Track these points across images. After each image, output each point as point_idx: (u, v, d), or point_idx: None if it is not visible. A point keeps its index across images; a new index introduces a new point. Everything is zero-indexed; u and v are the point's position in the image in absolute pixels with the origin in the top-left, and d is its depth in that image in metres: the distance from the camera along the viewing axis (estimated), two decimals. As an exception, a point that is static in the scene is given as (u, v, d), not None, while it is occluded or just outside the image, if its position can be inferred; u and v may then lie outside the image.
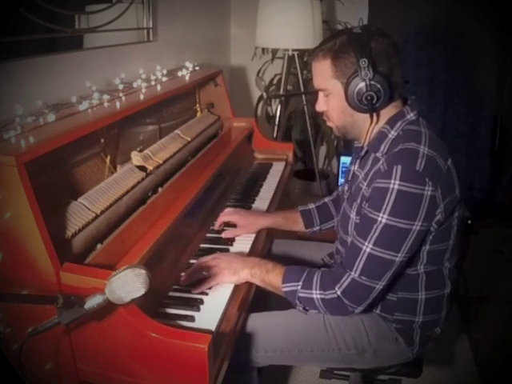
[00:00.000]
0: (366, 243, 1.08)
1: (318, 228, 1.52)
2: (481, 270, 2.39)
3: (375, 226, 1.07)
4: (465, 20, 2.81)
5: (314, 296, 1.12)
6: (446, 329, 1.29)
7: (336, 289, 1.10)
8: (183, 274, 1.23)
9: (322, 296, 1.12)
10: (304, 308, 1.17)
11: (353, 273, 1.09)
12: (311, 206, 1.54)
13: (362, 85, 1.09)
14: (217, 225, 1.47)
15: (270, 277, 1.18)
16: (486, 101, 2.96)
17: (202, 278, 1.19)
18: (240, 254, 1.32)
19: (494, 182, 3.10)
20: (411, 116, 1.16)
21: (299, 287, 1.14)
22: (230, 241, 1.41)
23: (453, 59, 2.90)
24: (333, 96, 1.16)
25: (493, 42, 2.82)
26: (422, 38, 2.88)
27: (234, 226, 1.46)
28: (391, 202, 1.04)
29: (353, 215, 1.20)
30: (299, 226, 1.53)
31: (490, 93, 2.94)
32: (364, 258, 1.08)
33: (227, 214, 1.47)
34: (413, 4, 2.85)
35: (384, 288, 1.11)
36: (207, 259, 1.24)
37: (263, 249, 1.46)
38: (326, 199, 1.56)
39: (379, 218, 1.06)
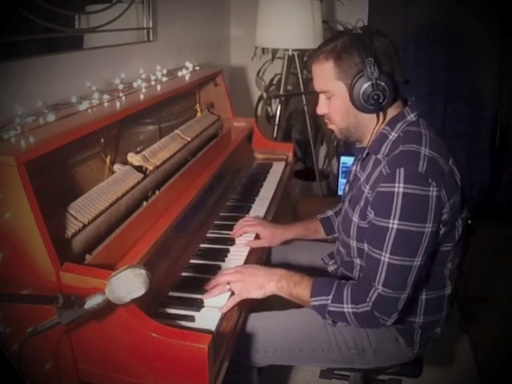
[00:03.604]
0: (383, 253, 1.06)
1: (338, 234, 1.52)
2: (481, 270, 2.39)
3: (388, 233, 1.05)
4: (465, 20, 2.81)
5: (346, 310, 1.10)
6: (446, 329, 1.29)
7: (367, 301, 1.08)
8: (184, 274, 1.23)
9: (354, 310, 1.10)
10: (333, 321, 1.15)
11: (376, 285, 1.08)
12: (329, 212, 1.54)
13: (367, 84, 1.09)
14: (237, 234, 1.43)
15: (298, 290, 1.15)
16: (486, 101, 2.96)
17: (225, 292, 1.15)
18: (262, 266, 1.24)
19: (494, 181, 3.10)
20: (411, 117, 1.16)
21: (329, 301, 1.12)
22: (231, 241, 1.42)
23: (453, 59, 2.90)
24: (336, 97, 1.16)
25: (493, 42, 2.82)
26: (422, 37, 2.89)
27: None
28: (399, 206, 1.03)
29: (355, 218, 1.20)
30: (320, 234, 1.52)
31: (490, 93, 2.94)
32: (384, 269, 1.06)
33: (250, 225, 1.45)
34: (413, 4, 2.85)
35: (409, 295, 1.09)
36: (230, 272, 1.19)
37: (263, 249, 1.46)
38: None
39: (390, 225, 1.05)
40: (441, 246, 1.15)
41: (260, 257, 1.42)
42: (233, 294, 1.14)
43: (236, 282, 1.16)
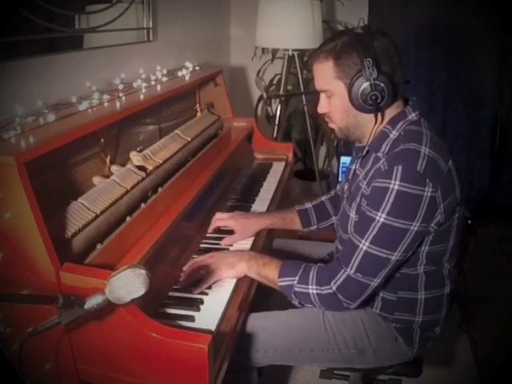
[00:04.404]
0: (363, 241, 1.08)
1: (315, 227, 1.52)
2: (481, 270, 2.39)
3: (373, 224, 1.07)
4: (465, 20, 2.82)
5: (310, 291, 1.13)
6: (445, 329, 1.29)
7: (332, 284, 1.10)
8: (183, 274, 1.23)
9: (318, 291, 1.12)
10: (299, 302, 1.17)
11: (348, 269, 1.09)
12: (308, 205, 1.54)
13: (366, 85, 1.09)
14: (210, 228, 1.44)
15: (267, 270, 1.19)
16: (486, 101, 2.96)
17: (200, 277, 1.18)
18: (234, 250, 1.33)
19: (493, 182, 3.10)
20: (413, 116, 1.16)
21: (295, 282, 1.14)
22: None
23: (453, 59, 2.90)
24: (335, 97, 1.16)
25: (493, 42, 2.82)
26: (421, 37, 2.89)
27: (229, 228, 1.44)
28: (390, 201, 1.04)
29: (352, 214, 1.20)
30: (296, 225, 1.52)
31: (490, 93, 2.94)
32: (360, 256, 1.08)
33: (222, 220, 1.44)
34: (413, 4, 2.86)
35: (379, 285, 1.12)
36: (203, 258, 1.24)
37: (263, 248, 1.46)
38: (323, 198, 1.56)
39: (377, 217, 1.06)
40: (435, 246, 1.15)
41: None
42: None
43: (209, 265, 1.19)
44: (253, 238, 1.43)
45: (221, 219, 1.44)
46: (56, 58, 1.39)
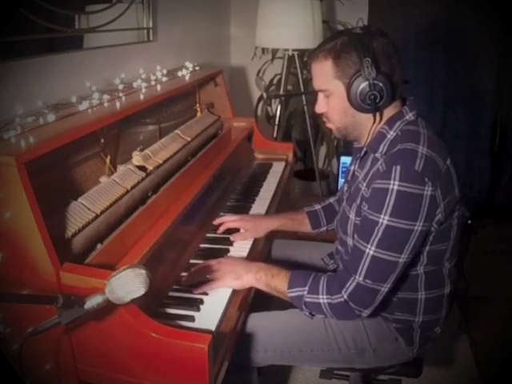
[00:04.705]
0: (369, 246, 1.07)
1: (324, 228, 1.52)
2: (481, 270, 2.39)
3: (377, 227, 1.06)
4: (465, 20, 2.82)
5: (321, 301, 1.11)
6: (445, 329, 1.29)
7: (342, 293, 1.09)
8: (184, 274, 1.23)
9: (329, 301, 1.11)
10: (310, 313, 1.16)
11: (357, 276, 1.08)
12: (317, 206, 1.54)
13: (364, 84, 1.09)
14: (220, 230, 1.44)
15: (276, 282, 1.17)
16: (486, 101, 2.96)
17: (203, 280, 1.18)
18: (243, 258, 1.31)
19: (494, 182, 3.10)
20: (410, 116, 1.16)
21: (305, 292, 1.13)
22: (230, 241, 1.41)
23: (452, 59, 2.90)
24: (334, 96, 1.16)
25: (493, 42, 2.82)
26: (421, 37, 2.89)
27: (237, 230, 1.44)
28: (391, 202, 1.04)
29: (352, 216, 1.20)
30: (306, 227, 1.52)
31: (490, 93, 2.94)
32: (368, 261, 1.07)
33: (230, 221, 1.45)
34: (412, 4, 2.86)
35: (389, 291, 1.10)
36: (211, 263, 1.23)
37: (263, 249, 1.46)
38: (331, 199, 1.56)
39: (380, 220, 1.06)
40: (436, 245, 1.15)
41: (259, 257, 1.42)
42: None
43: (215, 271, 1.18)
44: (252, 240, 1.43)
45: (230, 221, 1.45)
46: (56, 58, 1.39)
